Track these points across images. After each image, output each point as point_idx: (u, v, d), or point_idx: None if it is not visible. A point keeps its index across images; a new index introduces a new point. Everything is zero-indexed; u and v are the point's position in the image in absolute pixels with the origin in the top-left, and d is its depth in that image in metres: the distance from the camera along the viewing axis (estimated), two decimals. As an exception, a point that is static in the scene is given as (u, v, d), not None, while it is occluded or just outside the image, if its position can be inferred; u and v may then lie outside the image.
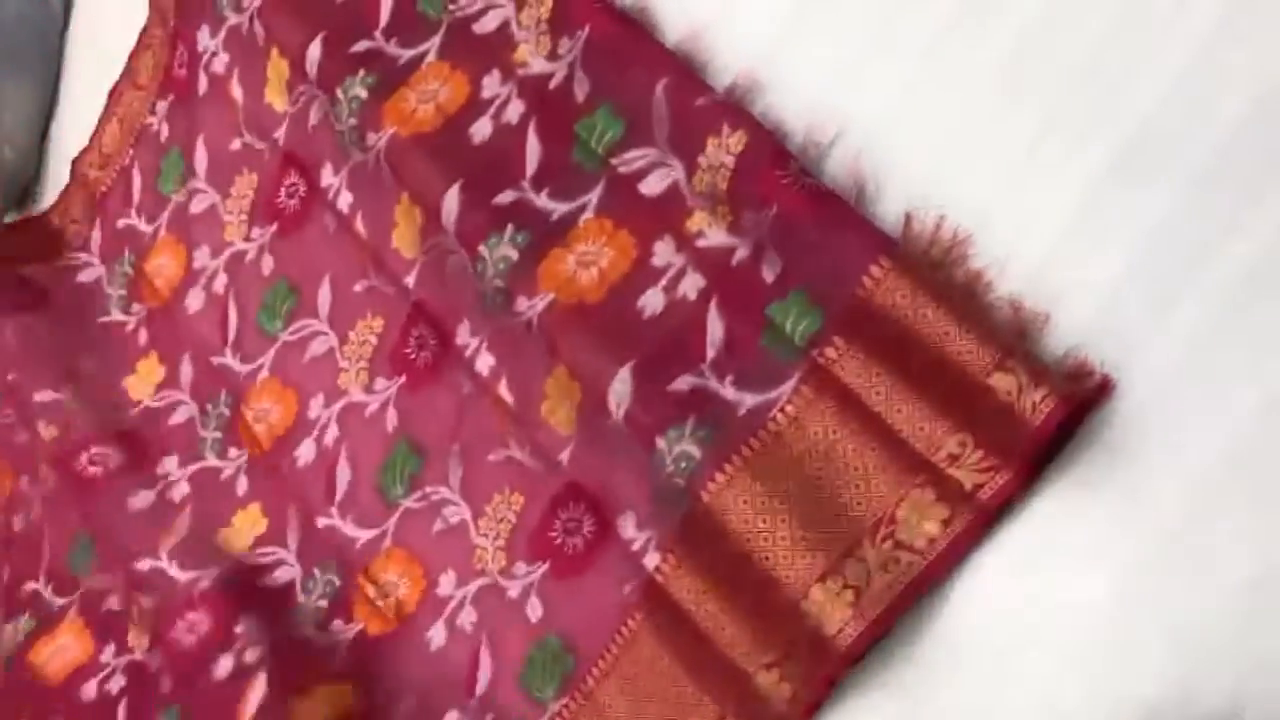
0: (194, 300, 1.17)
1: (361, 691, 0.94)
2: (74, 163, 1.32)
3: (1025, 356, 0.70)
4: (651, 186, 0.86)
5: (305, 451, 1.05)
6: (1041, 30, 0.72)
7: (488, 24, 0.95)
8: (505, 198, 0.90)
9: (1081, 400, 0.68)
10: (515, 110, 0.92)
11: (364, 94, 0.97)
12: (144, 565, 1.07)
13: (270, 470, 1.08)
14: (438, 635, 0.93)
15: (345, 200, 1.03)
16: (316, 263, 1.06)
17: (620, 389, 0.81)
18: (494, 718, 0.88)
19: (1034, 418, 0.68)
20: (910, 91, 0.78)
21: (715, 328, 0.81)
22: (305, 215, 1.07)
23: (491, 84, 0.94)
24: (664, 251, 0.85)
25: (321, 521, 1.02)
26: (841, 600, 0.72)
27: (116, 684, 1.06)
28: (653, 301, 0.84)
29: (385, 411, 0.99)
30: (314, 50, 1.01)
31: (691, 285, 0.83)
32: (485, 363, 0.93)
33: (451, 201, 0.90)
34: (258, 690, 0.95)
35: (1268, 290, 0.65)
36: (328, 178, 1.04)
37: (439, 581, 0.94)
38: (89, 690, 1.06)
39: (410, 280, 0.98)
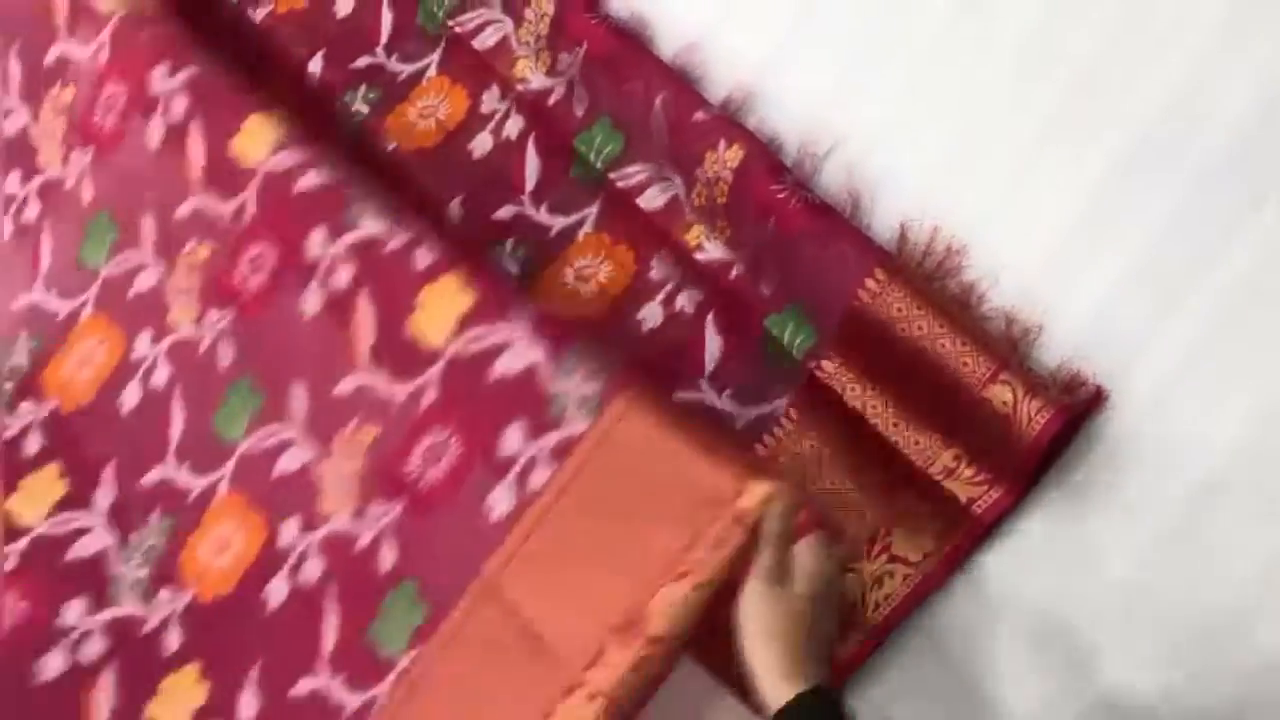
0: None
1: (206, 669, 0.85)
2: None
3: (1020, 367, 0.70)
4: (650, 201, 0.87)
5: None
6: (1036, 46, 0.73)
7: (487, 39, 0.96)
8: (505, 212, 0.91)
9: (1076, 411, 0.69)
10: (515, 125, 0.93)
11: (365, 109, 0.98)
12: None
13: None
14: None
15: None
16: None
17: None
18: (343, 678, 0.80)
19: (1029, 429, 0.68)
20: (904, 105, 0.78)
21: (713, 341, 0.82)
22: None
23: (490, 99, 0.95)
24: (662, 266, 0.86)
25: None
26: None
27: None
28: (651, 315, 0.85)
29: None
30: (315, 65, 1.02)
31: (689, 299, 0.84)
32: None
33: (453, 215, 0.91)
34: (106, 696, 0.86)
35: (1262, 299, 0.66)
36: None
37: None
38: None
39: None
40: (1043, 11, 0.73)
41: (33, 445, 0.96)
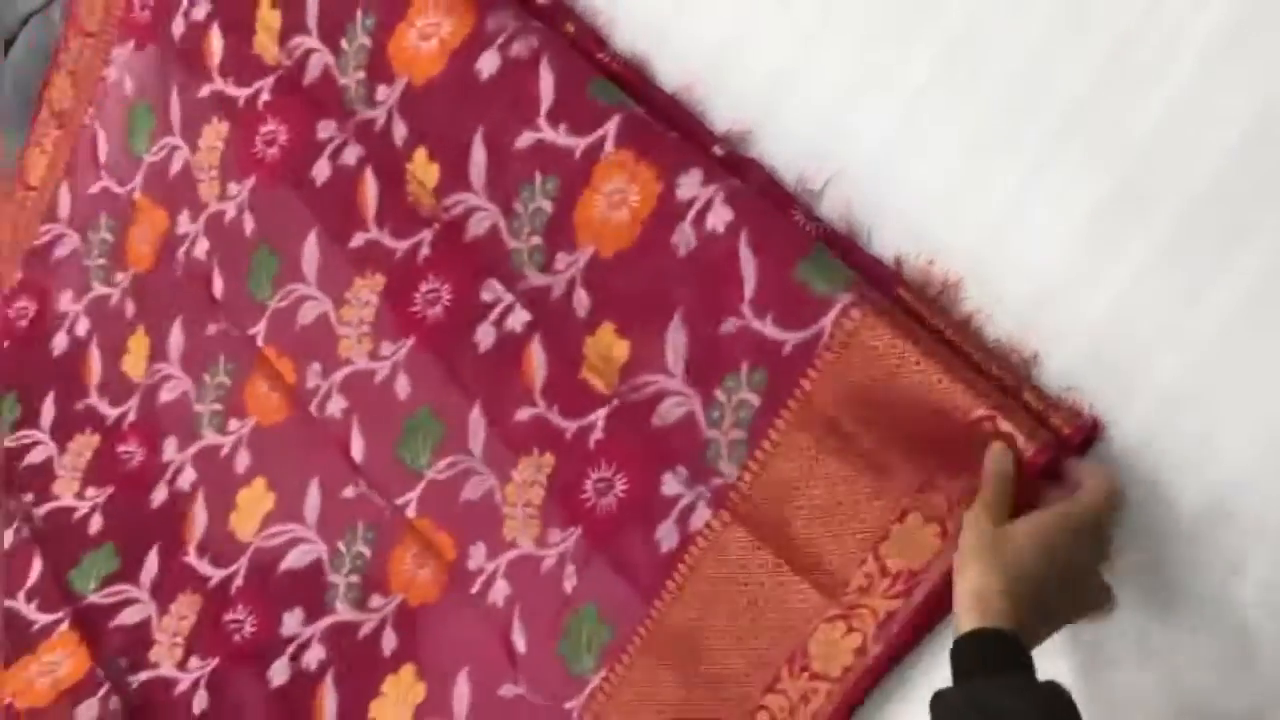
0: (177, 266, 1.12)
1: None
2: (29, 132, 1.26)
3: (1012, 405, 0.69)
4: None
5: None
6: (1029, 77, 0.74)
7: None
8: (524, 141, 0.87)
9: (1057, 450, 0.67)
10: None
11: (369, 43, 0.94)
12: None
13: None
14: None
15: (353, 153, 0.98)
16: (300, 220, 1.00)
17: None
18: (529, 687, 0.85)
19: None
20: (901, 137, 0.79)
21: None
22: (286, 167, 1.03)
23: None
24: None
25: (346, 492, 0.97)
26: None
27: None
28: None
29: (396, 377, 0.94)
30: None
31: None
32: (519, 319, 0.88)
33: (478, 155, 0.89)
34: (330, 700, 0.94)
35: (1258, 328, 0.65)
36: (326, 131, 1.00)
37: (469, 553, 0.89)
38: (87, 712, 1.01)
39: (426, 235, 0.94)
40: (1034, 47, 0.74)
41: None
